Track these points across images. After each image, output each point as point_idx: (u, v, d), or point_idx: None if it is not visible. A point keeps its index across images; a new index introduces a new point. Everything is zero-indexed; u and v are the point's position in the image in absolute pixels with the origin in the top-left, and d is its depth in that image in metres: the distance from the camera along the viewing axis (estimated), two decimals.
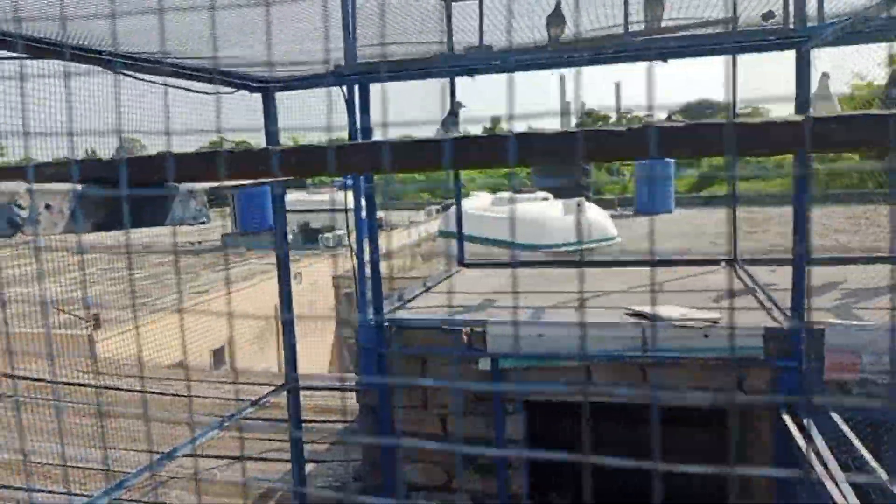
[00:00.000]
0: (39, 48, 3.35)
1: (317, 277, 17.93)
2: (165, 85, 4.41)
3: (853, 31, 3.83)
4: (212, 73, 4.75)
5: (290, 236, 23.51)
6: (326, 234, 20.65)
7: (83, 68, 3.90)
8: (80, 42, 3.60)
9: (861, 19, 3.54)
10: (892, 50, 4.73)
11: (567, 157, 0.75)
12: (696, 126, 0.80)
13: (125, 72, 4.04)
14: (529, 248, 12.46)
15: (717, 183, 23.76)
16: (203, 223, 0.97)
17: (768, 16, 3.89)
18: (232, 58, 4.68)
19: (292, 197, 19.63)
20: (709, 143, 0.72)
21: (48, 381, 7.85)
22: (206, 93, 4.53)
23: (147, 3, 3.55)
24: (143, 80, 4.14)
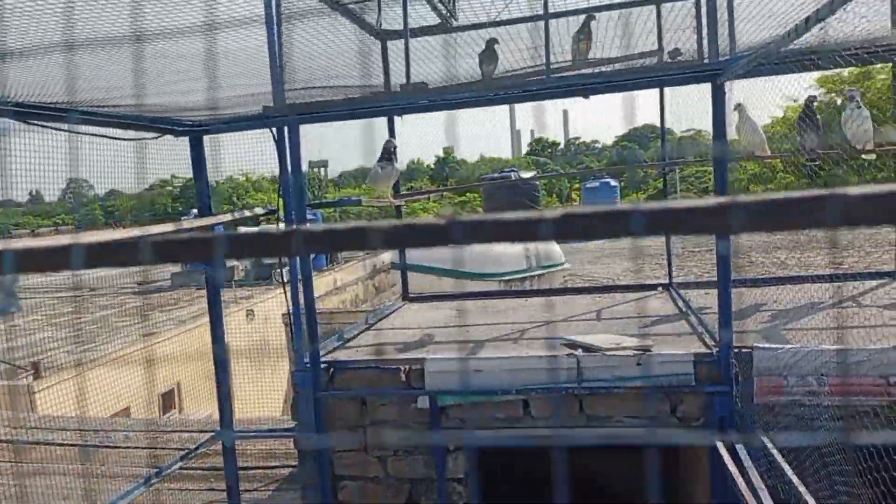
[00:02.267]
0: None
1: (270, 313, 17.62)
2: (88, 134, 4.32)
3: (759, 65, 3.99)
4: (138, 119, 4.68)
5: (242, 272, 23.11)
6: (278, 269, 20.35)
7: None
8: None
9: (762, 55, 3.69)
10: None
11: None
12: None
13: (43, 124, 3.94)
14: (479, 276, 12.50)
15: None
16: (12, 312, 0.93)
17: (675, 53, 4.04)
18: (158, 105, 4.62)
19: (244, 232, 19.33)
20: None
21: None
22: (129, 139, 4.45)
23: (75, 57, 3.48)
24: (59, 130, 4.04)
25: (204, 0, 3.23)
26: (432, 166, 40.49)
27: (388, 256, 22.63)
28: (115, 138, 4.23)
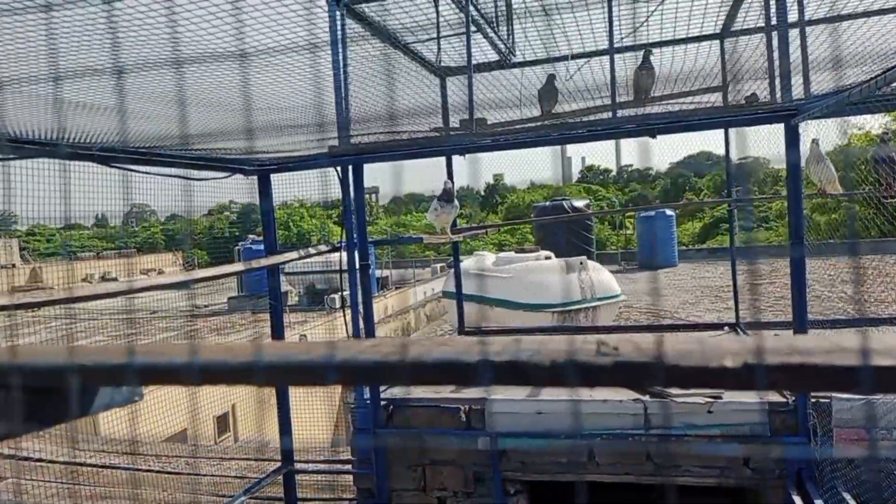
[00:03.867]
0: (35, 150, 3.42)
1: (321, 338, 17.83)
2: (167, 175, 4.49)
3: (837, 109, 3.87)
4: (212, 161, 4.84)
5: (296, 297, 23.50)
6: (331, 296, 20.62)
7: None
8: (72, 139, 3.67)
9: (845, 98, 3.57)
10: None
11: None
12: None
13: (125, 167, 4.11)
14: (532, 307, 12.38)
15: (720, 234, 23.71)
16: (136, 401, 0.94)
17: (752, 99, 3.94)
18: (231, 148, 4.76)
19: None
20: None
21: (47, 461, 7.72)
22: (203, 179, 4.59)
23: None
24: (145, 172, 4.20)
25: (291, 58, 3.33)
26: (482, 193, 40.68)
27: (437, 284, 22.70)
28: (191, 178, 4.38)
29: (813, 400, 4.31)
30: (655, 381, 0.63)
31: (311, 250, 5.07)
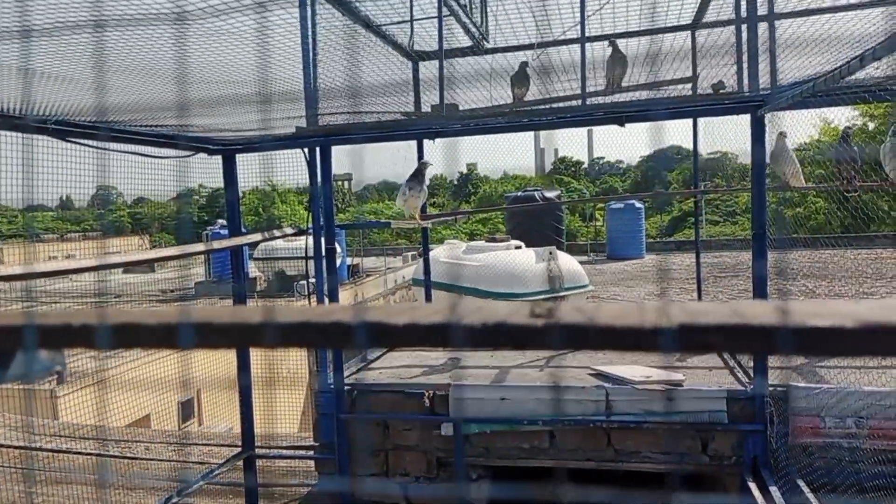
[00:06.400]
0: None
1: None
2: (129, 153, 4.36)
3: (802, 99, 3.90)
4: (174, 138, 4.71)
5: (264, 283, 23.23)
6: (301, 282, 20.42)
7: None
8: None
9: (810, 90, 3.61)
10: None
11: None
12: None
13: (80, 142, 3.97)
14: (501, 296, 12.39)
15: (688, 227, 24.03)
16: (58, 371, 0.89)
17: (719, 86, 3.96)
18: (195, 126, 4.65)
19: (268, 244, 19.45)
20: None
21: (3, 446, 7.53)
22: (163, 157, 4.47)
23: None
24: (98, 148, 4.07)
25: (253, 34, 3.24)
26: (455, 182, 40.55)
27: (409, 272, 22.63)
28: (150, 156, 4.26)
29: (771, 388, 4.38)
30: (588, 343, 0.61)
31: (276, 232, 4.99)
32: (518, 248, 14.78)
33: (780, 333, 0.54)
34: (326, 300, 5.23)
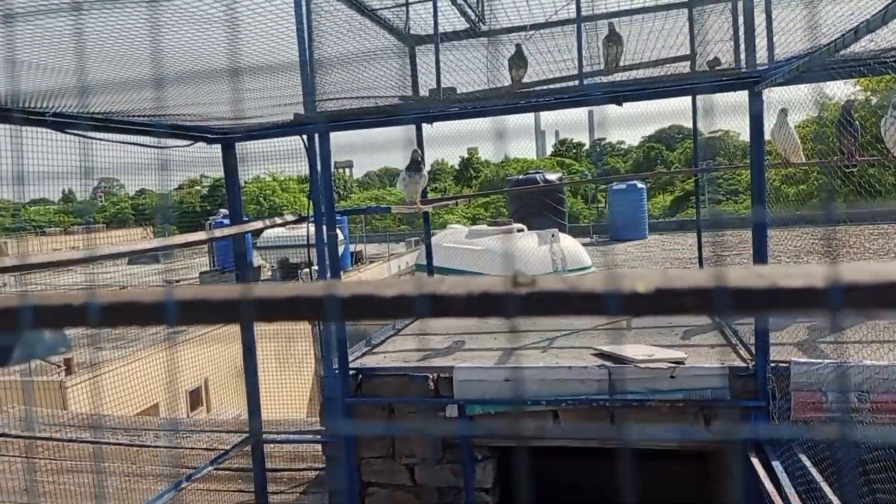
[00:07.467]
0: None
1: None
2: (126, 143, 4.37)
3: (800, 74, 3.89)
4: (173, 128, 4.72)
5: (269, 272, 23.29)
6: (305, 270, 20.48)
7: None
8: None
9: (806, 64, 3.60)
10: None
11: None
12: None
13: (80, 133, 3.99)
14: None
15: (690, 207, 23.99)
16: (62, 352, 0.91)
17: (714, 63, 3.95)
18: (192, 114, 4.65)
19: (272, 233, 19.50)
20: None
21: (11, 436, 7.62)
22: (165, 147, 4.49)
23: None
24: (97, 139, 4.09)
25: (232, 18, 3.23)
26: (456, 167, 40.43)
27: (412, 258, 22.67)
28: (148, 146, 4.27)
29: (772, 364, 4.40)
30: (572, 310, 0.63)
31: (277, 220, 5.01)
32: (520, 231, 14.79)
33: (754, 293, 0.56)
34: None
